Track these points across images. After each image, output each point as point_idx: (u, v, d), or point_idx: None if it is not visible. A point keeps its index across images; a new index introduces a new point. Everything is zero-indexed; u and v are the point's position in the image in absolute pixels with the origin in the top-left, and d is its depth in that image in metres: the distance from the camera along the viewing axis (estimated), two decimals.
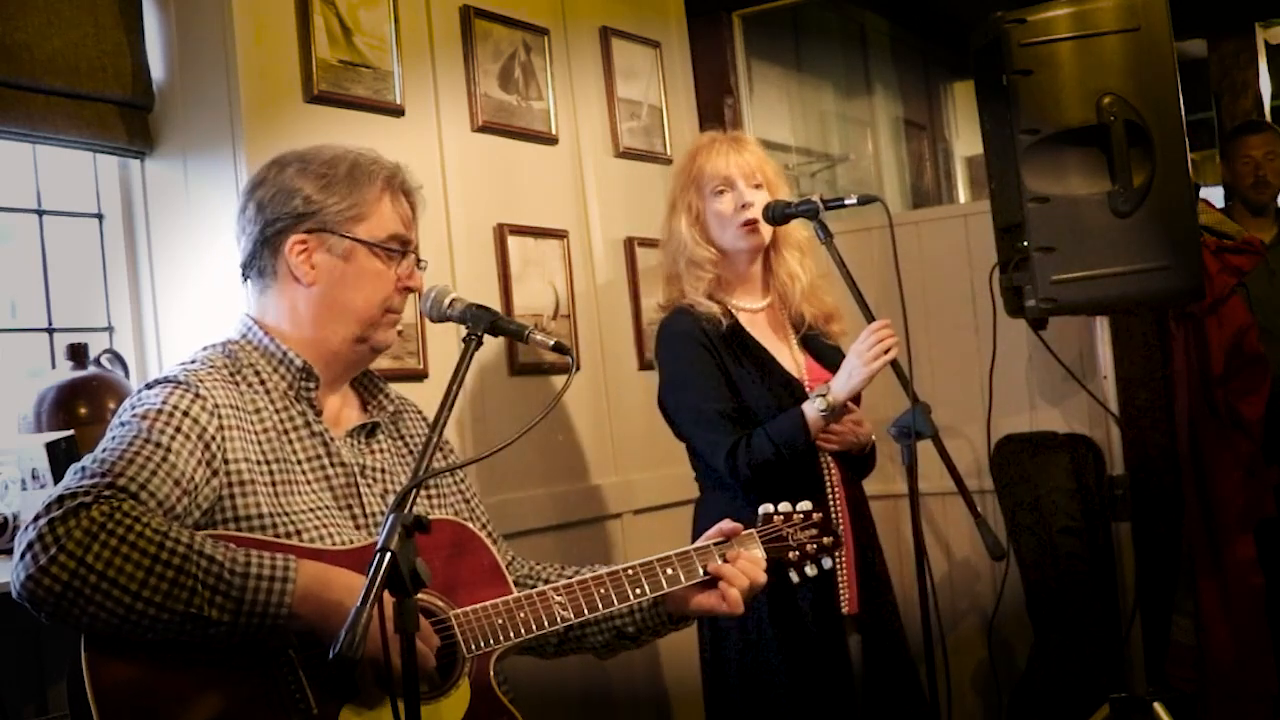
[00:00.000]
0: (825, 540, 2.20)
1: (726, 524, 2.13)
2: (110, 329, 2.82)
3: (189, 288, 2.77)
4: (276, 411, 1.92)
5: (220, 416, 1.83)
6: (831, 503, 2.78)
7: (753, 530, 2.16)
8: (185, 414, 1.79)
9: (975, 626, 3.71)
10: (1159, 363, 3.53)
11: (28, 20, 2.51)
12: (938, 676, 2.76)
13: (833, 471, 2.82)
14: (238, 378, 1.92)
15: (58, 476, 2.41)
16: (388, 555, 1.53)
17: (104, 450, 1.75)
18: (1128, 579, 3.16)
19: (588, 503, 3.46)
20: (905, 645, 2.90)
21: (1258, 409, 3.44)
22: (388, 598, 1.55)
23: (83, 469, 1.71)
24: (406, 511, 1.57)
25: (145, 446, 1.73)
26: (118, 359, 2.71)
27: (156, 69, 2.78)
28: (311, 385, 1.95)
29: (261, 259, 1.99)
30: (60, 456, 2.41)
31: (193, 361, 1.93)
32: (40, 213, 2.75)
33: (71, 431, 2.45)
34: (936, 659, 2.72)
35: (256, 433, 1.87)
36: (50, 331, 2.74)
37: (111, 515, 1.62)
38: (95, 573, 1.59)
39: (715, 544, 2.11)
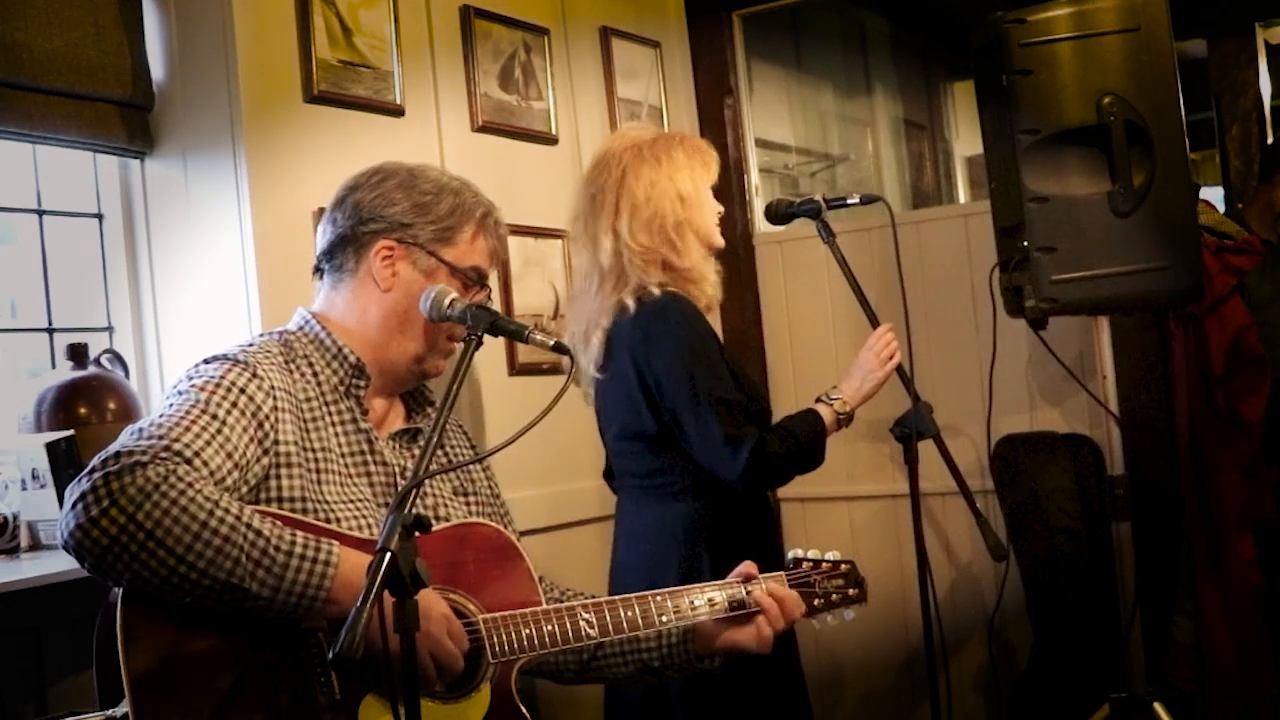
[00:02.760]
0: (851, 591, 2.21)
1: (748, 566, 2.11)
2: (110, 329, 2.82)
3: (189, 288, 2.77)
4: (326, 404, 1.95)
5: (275, 398, 1.86)
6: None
7: (781, 574, 2.16)
8: (242, 391, 1.82)
9: (976, 627, 3.70)
10: (1159, 363, 3.52)
11: (28, 20, 2.51)
12: (938, 676, 2.76)
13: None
14: (291, 365, 1.95)
15: (58, 476, 2.42)
16: (387, 555, 1.53)
17: (161, 415, 1.77)
18: (1128, 579, 3.15)
19: (587, 503, 3.46)
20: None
21: (1258, 409, 3.42)
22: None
23: (139, 430, 1.73)
24: (406, 511, 1.57)
25: (201, 416, 1.76)
26: (118, 359, 2.71)
27: (156, 69, 2.78)
28: (362, 383, 1.99)
29: (344, 254, 2.03)
30: (60, 456, 2.41)
31: (250, 345, 1.96)
32: (40, 213, 2.75)
33: (71, 431, 2.45)
34: (936, 659, 2.72)
35: (305, 420, 1.90)
36: (50, 331, 2.74)
37: (166, 478, 1.63)
38: (144, 531, 1.60)
39: (742, 582, 2.10)
